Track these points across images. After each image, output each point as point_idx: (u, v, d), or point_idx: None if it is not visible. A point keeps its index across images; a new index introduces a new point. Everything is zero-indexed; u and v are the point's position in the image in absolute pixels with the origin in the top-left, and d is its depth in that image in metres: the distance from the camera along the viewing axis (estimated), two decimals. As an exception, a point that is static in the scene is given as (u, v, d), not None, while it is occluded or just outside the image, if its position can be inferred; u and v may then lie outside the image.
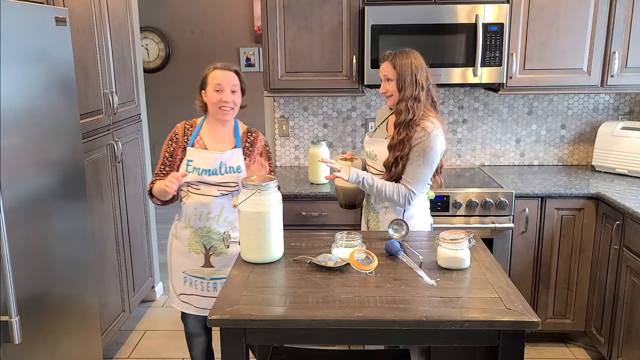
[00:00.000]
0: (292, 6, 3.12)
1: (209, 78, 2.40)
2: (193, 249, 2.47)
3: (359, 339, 1.83)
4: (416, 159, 2.31)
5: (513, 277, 3.06)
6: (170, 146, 2.47)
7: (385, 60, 2.40)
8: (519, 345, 1.68)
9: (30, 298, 2.15)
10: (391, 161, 2.34)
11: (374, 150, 2.46)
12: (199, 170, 2.38)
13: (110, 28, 3.18)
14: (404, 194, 2.33)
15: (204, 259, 2.46)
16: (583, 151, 3.62)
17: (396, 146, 2.32)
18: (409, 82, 2.32)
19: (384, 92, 2.41)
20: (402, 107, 2.33)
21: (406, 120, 2.32)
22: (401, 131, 2.32)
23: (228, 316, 1.68)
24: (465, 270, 1.98)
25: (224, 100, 2.36)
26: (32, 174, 2.19)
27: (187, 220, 2.45)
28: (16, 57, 2.09)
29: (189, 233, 2.46)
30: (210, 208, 2.41)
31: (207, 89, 2.40)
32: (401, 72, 2.34)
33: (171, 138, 2.48)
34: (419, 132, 2.31)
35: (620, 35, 3.10)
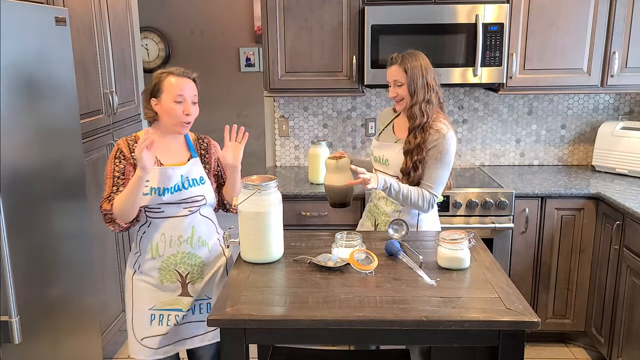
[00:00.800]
0: (292, 6, 3.12)
1: (165, 85, 2.05)
2: (167, 279, 2.14)
3: (359, 339, 1.83)
4: (434, 162, 2.31)
5: (513, 277, 3.06)
6: (117, 164, 2.07)
7: (394, 63, 2.35)
8: (519, 345, 1.68)
9: (30, 298, 2.15)
10: (410, 166, 2.31)
11: (385, 155, 2.43)
12: (159, 191, 2.04)
13: (110, 28, 3.18)
14: (428, 199, 2.33)
15: (180, 287, 2.15)
16: (583, 151, 3.62)
17: (413, 151, 2.30)
18: (420, 85, 2.30)
19: (395, 96, 2.36)
20: (415, 111, 2.30)
21: (421, 124, 2.30)
22: (417, 135, 2.30)
23: (228, 316, 1.68)
24: (465, 270, 1.98)
25: (188, 114, 2.07)
26: (32, 174, 2.19)
27: (154, 251, 2.11)
28: (16, 57, 2.09)
29: (159, 264, 2.12)
30: (181, 230, 2.11)
31: (161, 97, 2.06)
32: (413, 75, 2.30)
33: (116, 156, 2.08)
34: (434, 134, 2.30)
35: (620, 35, 3.10)
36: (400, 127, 2.46)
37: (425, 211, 2.37)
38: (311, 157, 3.22)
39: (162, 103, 2.06)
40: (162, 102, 2.06)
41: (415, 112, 2.31)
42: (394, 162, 2.39)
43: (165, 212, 2.09)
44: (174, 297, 2.15)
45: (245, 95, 6.41)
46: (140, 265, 2.15)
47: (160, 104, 2.07)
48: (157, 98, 2.07)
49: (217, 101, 6.52)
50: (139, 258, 2.15)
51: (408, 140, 2.33)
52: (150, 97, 2.08)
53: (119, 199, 2.00)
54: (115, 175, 2.06)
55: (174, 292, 2.15)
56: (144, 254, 2.13)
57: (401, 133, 2.43)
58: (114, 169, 2.07)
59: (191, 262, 2.14)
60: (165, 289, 2.15)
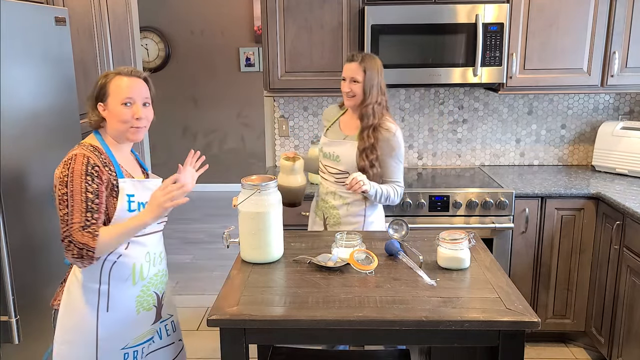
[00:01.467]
0: (292, 6, 3.12)
1: (111, 87, 1.81)
2: (144, 306, 1.90)
3: (359, 339, 1.83)
4: (391, 159, 2.48)
5: (513, 277, 3.06)
6: (90, 183, 1.73)
7: (354, 61, 2.45)
8: (519, 345, 1.68)
9: (30, 298, 2.15)
10: (367, 164, 2.43)
11: (335, 151, 2.53)
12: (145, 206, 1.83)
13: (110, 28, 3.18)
14: (399, 192, 2.51)
15: (155, 313, 1.94)
16: (583, 151, 3.62)
17: (368, 150, 2.43)
18: (375, 86, 2.44)
19: (348, 91, 2.46)
20: (368, 111, 2.44)
21: (373, 125, 2.44)
22: (370, 135, 2.44)
23: (228, 316, 1.68)
24: (465, 270, 1.98)
25: (138, 117, 1.82)
26: (32, 174, 2.19)
27: (138, 275, 1.85)
28: (16, 57, 2.09)
29: (139, 290, 1.87)
30: (160, 246, 1.96)
31: (107, 101, 1.82)
32: (370, 76, 2.43)
33: (88, 172, 1.74)
34: (384, 133, 2.45)
35: (620, 35, 3.10)
36: (346, 124, 2.58)
37: (396, 203, 2.54)
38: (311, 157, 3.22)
39: (109, 107, 1.82)
40: (109, 106, 1.82)
41: (368, 112, 2.44)
42: (345, 158, 2.50)
43: (147, 228, 1.84)
44: (148, 327, 1.92)
45: (245, 95, 6.41)
46: (109, 302, 1.81)
47: (108, 108, 1.82)
48: (103, 102, 1.82)
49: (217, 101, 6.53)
50: (108, 293, 1.80)
51: (362, 139, 2.45)
52: (96, 101, 1.84)
53: (109, 239, 1.73)
54: (88, 198, 1.72)
55: (148, 322, 1.92)
56: (119, 284, 1.81)
57: (348, 130, 2.56)
58: (86, 189, 1.72)
59: (165, 279, 1.98)
60: (140, 320, 1.89)
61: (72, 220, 1.70)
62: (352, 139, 2.51)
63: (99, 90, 1.83)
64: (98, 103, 1.83)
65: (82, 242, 1.68)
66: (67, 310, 1.82)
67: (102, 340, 1.82)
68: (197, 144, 6.49)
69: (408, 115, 3.60)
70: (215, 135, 6.53)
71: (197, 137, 6.55)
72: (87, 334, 1.81)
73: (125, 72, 1.84)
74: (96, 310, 1.80)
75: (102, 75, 1.86)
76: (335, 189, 2.55)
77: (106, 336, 1.82)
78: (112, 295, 1.81)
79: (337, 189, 2.55)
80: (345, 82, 2.48)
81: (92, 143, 1.83)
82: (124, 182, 1.81)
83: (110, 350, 1.84)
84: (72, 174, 1.73)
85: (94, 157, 1.77)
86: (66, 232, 1.70)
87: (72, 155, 1.77)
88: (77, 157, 1.75)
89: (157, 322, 1.96)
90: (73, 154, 1.77)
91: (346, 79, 2.47)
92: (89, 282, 1.80)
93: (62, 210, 1.72)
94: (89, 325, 1.80)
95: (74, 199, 1.71)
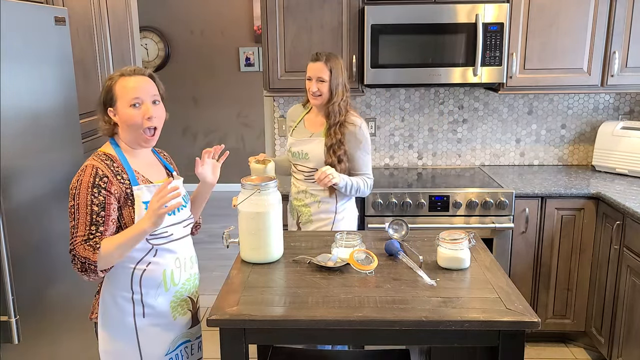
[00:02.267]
0: (292, 6, 3.12)
1: (117, 89, 1.75)
2: (179, 312, 1.88)
3: (359, 339, 1.82)
4: (358, 152, 2.55)
5: (513, 277, 3.06)
6: (96, 195, 1.69)
7: (319, 60, 2.51)
8: (519, 345, 1.68)
9: (30, 298, 2.15)
10: (335, 160, 2.50)
11: (303, 149, 2.59)
12: None
13: (110, 28, 3.18)
14: (369, 184, 2.60)
15: (191, 318, 1.93)
16: (583, 151, 3.62)
17: (335, 146, 2.50)
18: (340, 84, 2.51)
19: (315, 91, 2.51)
20: (335, 109, 2.51)
21: (339, 121, 2.51)
22: (337, 131, 2.51)
23: (228, 316, 1.67)
24: (465, 270, 1.98)
25: (149, 117, 1.76)
26: (32, 174, 2.19)
27: (170, 281, 1.82)
28: (16, 57, 2.08)
29: (172, 296, 1.85)
30: (190, 250, 1.93)
31: (116, 105, 1.76)
32: (336, 74, 2.50)
33: (95, 184, 1.69)
34: (350, 127, 2.53)
35: (620, 35, 3.10)
36: (311, 122, 2.65)
37: (366, 195, 2.63)
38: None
39: (118, 111, 1.76)
40: (118, 110, 1.75)
41: (334, 110, 2.51)
42: (313, 156, 2.56)
43: (173, 234, 1.83)
44: (185, 331, 1.92)
45: (245, 95, 6.41)
46: (145, 309, 1.80)
47: (117, 112, 1.76)
48: (112, 107, 1.76)
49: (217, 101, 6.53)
50: (142, 301, 1.79)
51: (329, 136, 2.52)
52: (105, 107, 1.78)
53: (110, 251, 1.67)
54: (93, 211, 1.68)
55: (185, 327, 1.91)
56: (151, 291, 1.79)
57: (313, 127, 2.62)
58: (92, 201, 1.68)
59: (197, 282, 1.96)
60: (176, 326, 1.88)
61: (76, 234, 1.69)
62: (318, 136, 2.58)
63: (105, 94, 1.77)
64: (108, 109, 1.78)
65: (84, 255, 1.66)
66: (105, 321, 1.81)
67: (144, 346, 1.81)
68: (197, 143, 6.50)
69: (408, 115, 3.60)
70: (215, 135, 6.53)
71: (197, 137, 6.55)
72: (128, 343, 1.80)
73: (128, 71, 1.78)
74: (132, 317, 1.79)
75: (107, 79, 1.80)
76: (306, 187, 2.61)
77: (147, 342, 1.82)
78: (146, 303, 1.79)
79: (308, 186, 2.60)
80: (311, 81, 2.53)
81: (106, 151, 1.79)
82: (138, 190, 1.75)
83: (154, 356, 1.83)
84: (79, 186, 1.70)
85: (104, 167, 1.73)
86: (71, 244, 1.69)
87: (84, 166, 1.75)
88: (86, 169, 1.72)
89: (194, 327, 1.95)
90: (84, 165, 1.75)
91: (312, 79, 2.52)
92: (122, 291, 1.78)
93: (70, 222, 1.71)
94: (129, 334, 1.80)
95: (79, 212, 1.69)
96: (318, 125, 2.61)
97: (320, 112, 2.60)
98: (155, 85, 1.82)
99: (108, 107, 1.78)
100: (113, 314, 1.80)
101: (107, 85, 1.77)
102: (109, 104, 1.77)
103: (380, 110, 3.60)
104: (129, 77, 1.76)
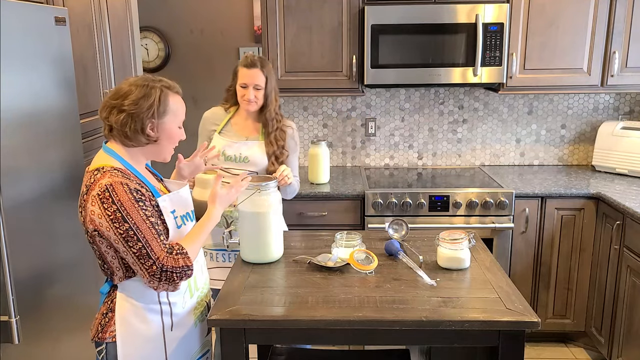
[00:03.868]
0: (292, 6, 3.12)
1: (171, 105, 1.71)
2: (199, 317, 1.86)
3: (359, 339, 1.82)
4: (294, 154, 2.59)
5: (513, 277, 3.06)
6: (145, 208, 1.62)
7: (255, 67, 2.44)
8: (519, 345, 1.68)
9: (30, 298, 2.15)
10: (277, 166, 2.48)
11: (242, 153, 2.51)
12: (189, 217, 1.81)
13: (110, 28, 3.18)
14: (298, 186, 2.62)
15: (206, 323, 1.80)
16: (583, 151, 3.62)
17: (278, 152, 2.50)
18: (274, 90, 2.49)
19: (252, 99, 2.45)
20: (271, 115, 2.49)
21: (278, 128, 2.51)
22: (278, 137, 2.51)
23: (228, 316, 1.67)
24: (465, 270, 1.98)
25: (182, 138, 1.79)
26: (32, 174, 2.19)
27: (193, 287, 1.81)
28: (16, 57, 2.08)
29: (195, 302, 1.82)
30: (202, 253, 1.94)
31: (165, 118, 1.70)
32: (271, 80, 2.47)
33: (137, 199, 1.60)
34: (288, 131, 2.56)
35: (620, 35, 3.10)
36: (241, 126, 2.58)
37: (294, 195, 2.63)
38: (311, 157, 3.22)
39: (165, 126, 1.68)
40: (165, 124, 1.68)
41: (271, 116, 2.49)
42: (254, 159, 2.50)
43: None
44: (204, 340, 1.88)
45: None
46: (173, 320, 1.74)
47: (163, 126, 1.68)
48: (158, 119, 1.66)
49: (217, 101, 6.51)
50: (171, 311, 1.73)
51: (270, 144, 2.49)
52: (151, 116, 1.65)
53: (195, 249, 1.67)
54: (152, 223, 1.61)
55: (204, 334, 1.87)
56: (179, 300, 1.74)
57: (245, 132, 2.56)
58: (145, 215, 1.60)
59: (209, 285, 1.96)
60: (198, 333, 1.84)
61: (154, 253, 1.58)
62: (255, 140, 2.53)
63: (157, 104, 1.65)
64: (150, 120, 1.65)
65: (179, 265, 1.60)
66: (129, 340, 1.70)
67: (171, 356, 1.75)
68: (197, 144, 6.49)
69: (408, 115, 3.60)
70: (215, 135, 6.52)
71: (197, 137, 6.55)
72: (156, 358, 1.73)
73: (179, 90, 1.77)
74: (162, 331, 1.72)
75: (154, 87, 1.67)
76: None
77: (174, 356, 1.76)
78: (174, 313, 1.74)
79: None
80: (247, 88, 2.45)
81: (115, 166, 1.65)
82: (163, 201, 1.69)
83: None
84: (122, 206, 1.56)
85: (129, 182, 1.61)
86: (154, 267, 1.58)
87: (105, 186, 1.57)
88: (114, 187, 1.57)
89: (209, 334, 1.92)
90: (106, 185, 1.58)
91: (248, 86, 2.45)
92: (150, 305, 1.70)
93: (135, 246, 1.57)
94: (158, 349, 1.72)
95: (141, 230, 1.57)
96: (251, 130, 2.56)
97: (250, 117, 2.56)
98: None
99: (152, 118, 1.65)
100: (139, 332, 1.70)
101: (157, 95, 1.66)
102: (153, 115, 1.65)
103: (380, 110, 3.60)
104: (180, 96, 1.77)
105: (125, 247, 1.58)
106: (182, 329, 1.76)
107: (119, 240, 1.57)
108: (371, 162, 3.68)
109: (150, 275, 1.58)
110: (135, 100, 1.63)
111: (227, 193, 1.81)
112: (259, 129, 2.55)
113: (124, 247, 1.58)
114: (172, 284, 1.61)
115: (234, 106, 2.62)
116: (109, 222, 1.56)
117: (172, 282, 1.61)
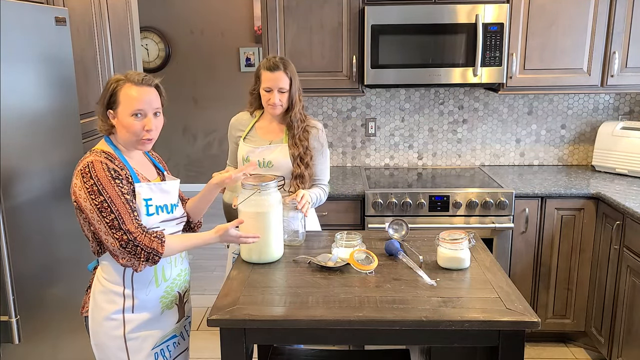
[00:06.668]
0: (292, 6, 3.12)
1: (121, 96, 1.74)
2: (167, 306, 1.91)
3: (359, 339, 1.83)
4: (319, 156, 2.49)
5: (513, 277, 3.06)
6: (121, 185, 1.73)
7: (279, 69, 2.35)
8: (519, 345, 1.68)
9: (30, 298, 2.15)
10: (304, 169, 2.42)
11: (266, 158, 2.44)
12: (166, 209, 1.85)
13: (110, 28, 3.18)
14: (327, 192, 2.54)
15: (177, 311, 1.96)
16: (583, 151, 3.62)
17: (303, 153, 2.42)
18: (298, 91, 2.42)
19: (277, 102, 2.37)
20: (296, 117, 2.42)
21: (303, 128, 2.44)
22: (302, 138, 2.43)
23: (228, 316, 1.68)
24: (465, 270, 1.98)
25: (149, 129, 1.77)
26: (32, 174, 2.19)
27: (161, 277, 1.86)
28: (16, 57, 2.09)
29: (162, 291, 1.88)
30: None
31: (117, 109, 1.76)
32: (295, 82, 2.40)
33: (114, 176, 1.72)
34: (313, 132, 2.47)
35: (620, 35, 3.10)
36: (265, 130, 2.51)
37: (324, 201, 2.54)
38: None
39: (118, 116, 1.76)
40: (118, 115, 1.76)
41: (296, 118, 2.42)
42: (278, 164, 2.43)
43: (166, 230, 1.84)
44: (172, 327, 1.94)
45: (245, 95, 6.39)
46: (134, 304, 1.82)
47: (117, 117, 1.76)
48: (113, 110, 1.77)
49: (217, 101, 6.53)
50: (133, 296, 1.81)
51: (294, 145, 2.42)
52: (106, 108, 1.78)
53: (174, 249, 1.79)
54: (127, 199, 1.72)
55: (173, 321, 1.94)
56: (142, 287, 1.82)
57: (270, 135, 2.49)
58: (121, 191, 1.71)
59: (187, 277, 2.00)
60: (164, 319, 1.91)
61: (125, 225, 1.69)
62: (279, 143, 2.46)
63: (108, 96, 1.76)
64: (108, 110, 1.78)
65: (151, 246, 1.71)
66: (95, 315, 1.84)
67: (131, 341, 1.84)
68: (197, 144, 6.49)
69: (408, 115, 3.60)
70: (215, 135, 6.52)
71: (197, 137, 6.55)
72: (115, 337, 1.83)
73: (136, 80, 1.75)
74: (122, 313, 1.82)
75: (112, 80, 1.77)
76: None
77: (134, 337, 1.84)
78: (136, 298, 1.82)
79: None
80: (271, 92, 2.36)
81: (104, 149, 1.79)
82: (140, 187, 1.78)
83: (140, 351, 1.86)
84: (99, 181, 1.70)
85: (109, 162, 1.74)
86: (125, 237, 1.69)
87: (87, 163, 1.73)
88: (94, 164, 1.71)
89: (181, 320, 1.98)
90: (87, 162, 1.73)
91: (272, 90, 2.35)
92: (113, 286, 1.81)
93: (107, 217, 1.69)
94: (116, 328, 1.82)
95: (115, 204, 1.69)
96: (276, 132, 2.49)
97: (275, 119, 2.48)
98: (159, 97, 1.82)
99: (109, 109, 1.78)
100: (102, 309, 1.82)
101: (112, 88, 1.76)
102: (110, 106, 1.77)
103: (380, 111, 3.60)
104: (135, 86, 1.75)
105: (100, 217, 1.70)
106: (145, 312, 1.85)
107: (93, 210, 1.70)
108: (371, 162, 3.68)
109: (120, 244, 1.69)
110: (102, 94, 1.82)
111: (235, 237, 1.90)
112: (284, 130, 2.48)
113: (98, 217, 1.70)
114: (136, 259, 1.72)
115: (259, 109, 2.54)
116: (87, 194, 1.70)
117: (137, 258, 1.71)
